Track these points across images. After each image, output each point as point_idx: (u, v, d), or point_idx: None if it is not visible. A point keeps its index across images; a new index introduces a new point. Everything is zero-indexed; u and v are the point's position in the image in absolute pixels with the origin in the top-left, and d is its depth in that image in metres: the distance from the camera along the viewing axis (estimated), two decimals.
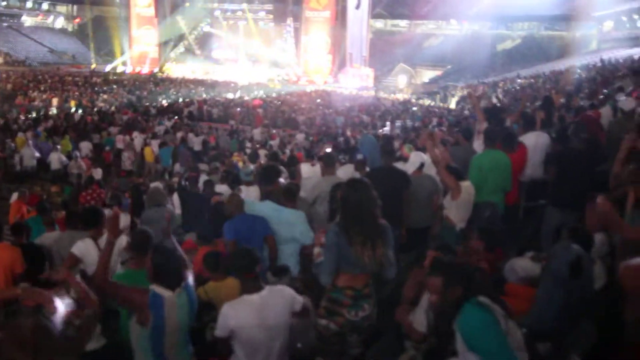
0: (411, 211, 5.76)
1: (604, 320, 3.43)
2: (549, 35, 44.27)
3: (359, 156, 7.27)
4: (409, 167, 6.25)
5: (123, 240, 5.04)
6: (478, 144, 6.87)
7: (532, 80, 28.19)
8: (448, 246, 3.99)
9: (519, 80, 30.88)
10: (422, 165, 6.13)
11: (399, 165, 6.55)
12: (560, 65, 32.35)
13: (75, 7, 64.45)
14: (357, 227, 3.66)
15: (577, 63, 30.46)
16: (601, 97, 12.05)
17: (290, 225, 5.35)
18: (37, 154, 16.59)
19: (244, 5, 53.61)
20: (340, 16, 47.20)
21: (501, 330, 2.75)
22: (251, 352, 3.62)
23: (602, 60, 29.48)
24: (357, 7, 47.07)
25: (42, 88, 35.44)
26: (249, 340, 3.61)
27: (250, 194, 6.98)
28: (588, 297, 3.44)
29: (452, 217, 5.38)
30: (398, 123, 21.13)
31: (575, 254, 3.45)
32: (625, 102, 8.23)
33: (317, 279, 3.93)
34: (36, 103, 29.92)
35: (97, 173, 14.18)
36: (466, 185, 5.41)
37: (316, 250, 4.09)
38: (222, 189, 8.33)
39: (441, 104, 33.79)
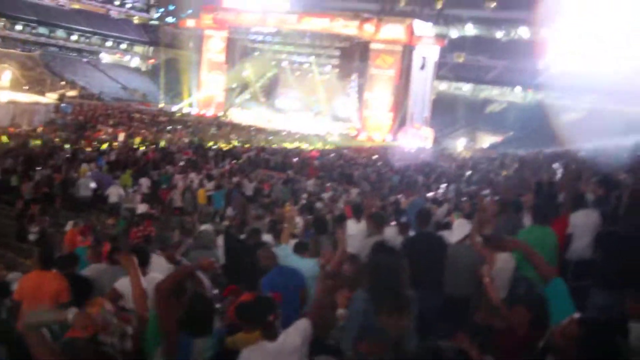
0: (450, 279, 5.67)
1: None
2: (617, 109, 43.37)
3: (403, 219, 7.23)
4: (454, 236, 6.19)
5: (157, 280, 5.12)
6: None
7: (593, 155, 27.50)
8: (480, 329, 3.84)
9: (582, 154, 30.20)
10: (466, 236, 6.04)
11: (446, 233, 6.49)
12: (626, 141, 31.57)
13: (151, 48, 67.52)
14: (386, 296, 3.58)
15: None
16: None
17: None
18: (93, 185, 17.15)
19: (312, 59, 54.86)
20: (404, 75, 47.59)
21: None
22: None
23: None
24: (422, 67, 47.45)
25: (110, 122, 36.84)
26: None
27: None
28: None
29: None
30: (452, 186, 20.93)
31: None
32: None
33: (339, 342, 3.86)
34: (103, 136, 31.09)
35: (142, 208, 14.53)
36: (504, 256, 5.30)
37: (340, 312, 4.04)
38: (267, 238, 8.39)
39: (499, 170, 33.34)
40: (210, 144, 33.35)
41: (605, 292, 5.32)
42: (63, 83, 52.14)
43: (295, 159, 29.18)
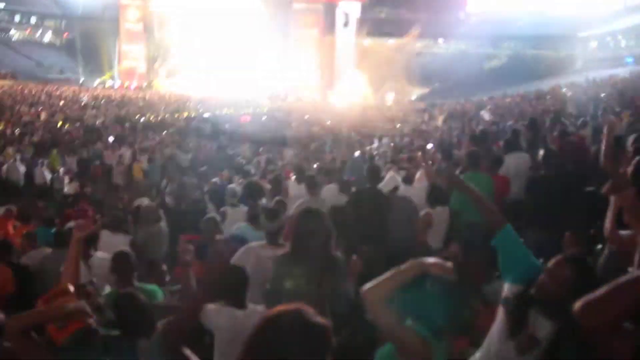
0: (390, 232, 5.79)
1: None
2: (535, 54, 44.84)
3: (346, 177, 7.32)
4: (385, 187, 6.34)
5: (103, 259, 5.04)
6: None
7: (518, 100, 28.42)
8: None
9: (507, 100, 31.10)
10: (396, 188, 6.20)
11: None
12: (546, 84, 32.70)
13: (63, 21, 64.37)
14: (302, 260, 3.50)
15: (562, 82, 30.85)
16: (582, 119, 12.26)
17: None
18: (23, 169, 16.51)
19: (234, 21, 53.76)
20: (328, 34, 47.44)
21: None
22: None
23: (587, 80, 29.87)
24: (346, 25, 47.41)
25: (29, 102, 35.23)
26: (224, 351, 3.55)
27: (235, 215, 7.00)
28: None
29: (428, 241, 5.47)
30: (385, 140, 21.22)
31: None
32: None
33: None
34: (24, 117, 29.75)
35: (71, 188, 14.17)
36: (438, 211, 5.48)
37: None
38: (210, 207, 8.35)
39: (428, 121, 33.95)
40: (137, 116, 32.49)
41: (537, 231, 5.61)
42: None
43: (226, 125, 28.85)
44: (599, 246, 4.55)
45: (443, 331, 2.22)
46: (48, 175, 16.26)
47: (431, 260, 2.26)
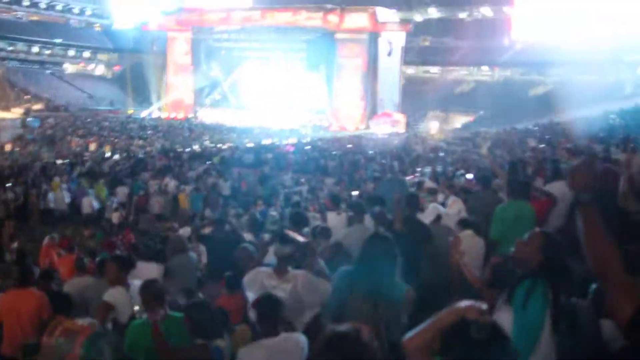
0: (429, 266, 5.66)
1: None
2: (582, 80, 43.99)
3: (377, 208, 7.11)
4: (425, 218, 6.22)
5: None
6: None
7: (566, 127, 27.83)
8: None
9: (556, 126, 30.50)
10: (438, 217, 6.07)
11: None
12: (594, 111, 31.99)
13: (115, 55, 66.56)
14: (362, 280, 3.54)
15: (610, 108, 30.17)
16: (632, 145, 11.85)
17: None
18: (68, 199, 16.96)
19: (278, 53, 54.65)
20: (372, 63, 47.63)
21: None
22: None
23: (637, 106, 29.17)
24: (389, 54, 47.54)
25: (79, 133, 36.36)
26: None
27: None
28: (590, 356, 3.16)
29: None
30: (427, 169, 21.00)
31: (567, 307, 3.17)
32: None
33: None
34: (74, 148, 30.70)
35: (115, 217, 14.43)
36: (466, 234, 5.33)
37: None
38: (248, 237, 8.34)
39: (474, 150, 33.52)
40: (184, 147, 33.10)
41: (583, 262, 5.40)
42: (28, 97, 51.26)
43: (269, 155, 29.04)
44: None
45: None
46: (96, 205, 16.64)
47: (465, 303, 2.18)
